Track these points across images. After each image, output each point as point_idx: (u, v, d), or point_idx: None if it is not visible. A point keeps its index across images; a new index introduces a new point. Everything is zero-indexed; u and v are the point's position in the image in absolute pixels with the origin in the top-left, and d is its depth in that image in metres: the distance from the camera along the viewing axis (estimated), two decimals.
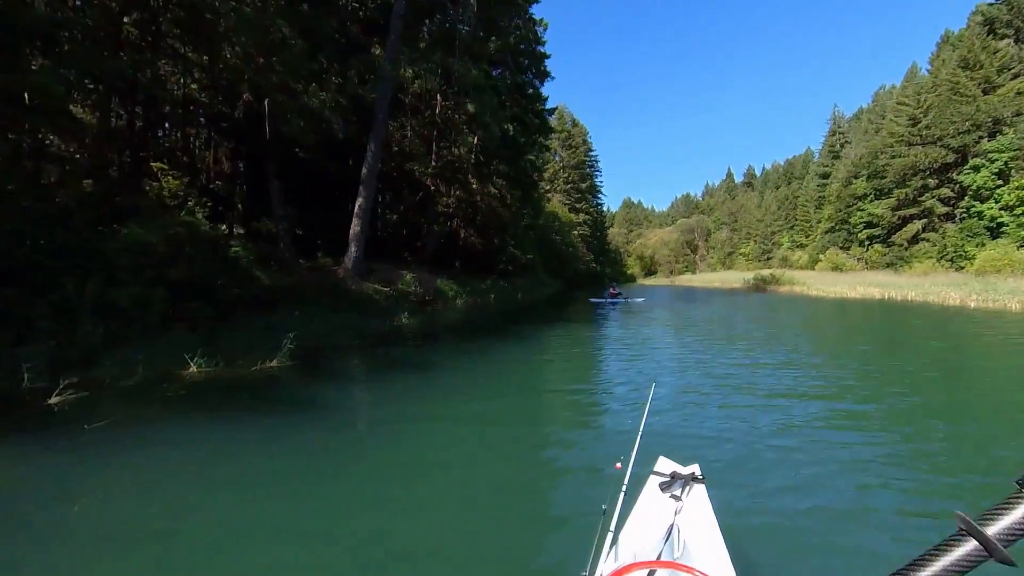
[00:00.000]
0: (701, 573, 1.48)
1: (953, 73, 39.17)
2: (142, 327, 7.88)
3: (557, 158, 59.11)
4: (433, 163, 23.33)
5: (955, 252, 37.84)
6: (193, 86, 16.10)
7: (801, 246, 69.64)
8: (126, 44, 12.84)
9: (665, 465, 2.50)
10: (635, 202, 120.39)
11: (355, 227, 16.88)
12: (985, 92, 37.70)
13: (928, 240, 40.70)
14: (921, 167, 40.48)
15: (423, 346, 10.68)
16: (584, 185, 60.43)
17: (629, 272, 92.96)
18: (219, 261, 12.18)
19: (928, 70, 49.49)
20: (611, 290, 26.25)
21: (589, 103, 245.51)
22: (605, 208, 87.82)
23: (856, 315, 17.62)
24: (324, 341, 10.02)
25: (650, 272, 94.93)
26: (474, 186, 24.76)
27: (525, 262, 30.55)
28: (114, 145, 13.49)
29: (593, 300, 25.82)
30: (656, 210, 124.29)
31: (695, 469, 2.43)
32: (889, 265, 42.52)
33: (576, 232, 56.57)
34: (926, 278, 31.83)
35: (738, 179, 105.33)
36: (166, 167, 15.26)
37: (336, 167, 20.34)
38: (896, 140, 43.21)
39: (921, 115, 41.29)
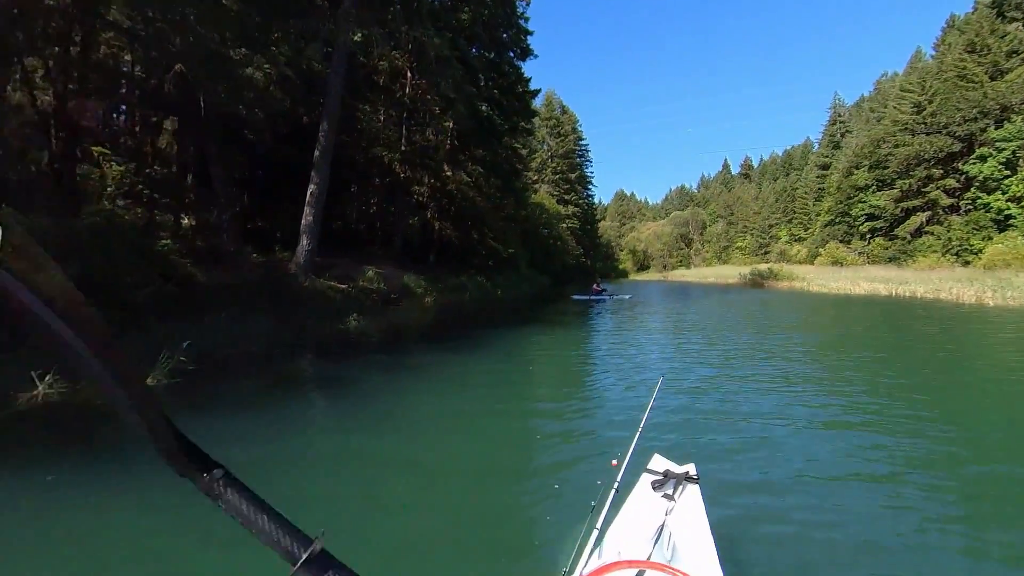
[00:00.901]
0: (683, 574, 1.51)
1: (959, 58, 38.40)
2: None
3: (545, 147, 57.83)
4: (403, 147, 21.96)
5: (960, 246, 37.27)
6: (127, 57, 14.61)
7: (799, 240, 69.16)
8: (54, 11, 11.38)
9: (659, 463, 2.51)
10: (628, 194, 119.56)
11: (307, 216, 15.51)
12: (993, 78, 36.99)
13: (932, 233, 40.06)
14: (925, 156, 39.77)
15: (364, 356, 9.41)
16: (574, 175, 59.19)
17: (621, 267, 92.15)
18: (136, 256, 10.80)
19: (933, 56, 48.77)
20: (595, 287, 25.06)
21: (580, 91, 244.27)
22: (596, 200, 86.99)
23: (866, 315, 16.61)
24: (236, 350, 8.70)
25: (643, 267, 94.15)
26: (448, 173, 23.42)
27: (507, 256, 29.28)
28: (41, 128, 12.08)
29: (576, 298, 24.64)
30: (650, 202, 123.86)
31: (690, 468, 2.43)
32: (892, 259, 41.87)
33: (565, 225, 55.34)
34: (932, 273, 31.07)
35: (735, 170, 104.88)
36: (108, 152, 13.86)
37: (297, 153, 18.99)
38: (899, 128, 42.46)
39: (926, 102, 40.55)
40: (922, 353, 9.66)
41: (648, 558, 1.74)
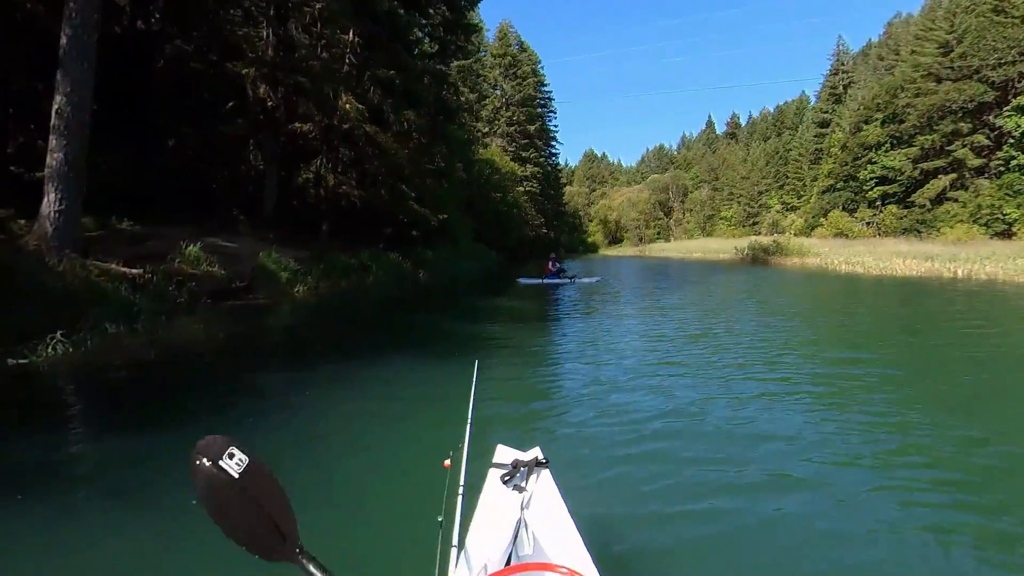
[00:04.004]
0: (558, 567, 1.51)
1: None
2: None
3: (498, 92, 52.38)
4: (269, 55, 16.40)
5: (991, 214, 34.62)
6: None
7: (792, 209, 66.81)
8: None
9: (505, 454, 2.52)
10: (598, 155, 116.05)
11: (55, 155, 10.04)
12: None
13: (956, 200, 37.31)
14: (952, 107, 36.89)
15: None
16: (533, 128, 54.04)
17: (590, 240, 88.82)
18: None
19: None
20: (549, 265, 20.35)
21: (541, 32, 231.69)
22: (562, 162, 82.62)
23: None
24: None
25: (615, 240, 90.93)
26: (346, 106, 18.01)
27: (437, 225, 24.18)
28: None
29: (523, 282, 19.95)
30: (624, 165, 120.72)
31: (537, 452, 2.48)
32: (907, 231, 39.11)
33: (522, 188, 50.44)
34: (965, 247, 27.88)
35: (720, 129, 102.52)
36: None
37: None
38: (921, 74, 39.33)
39: (954, 41, 37.37)
40: None
41: (511, 559, 1.80)
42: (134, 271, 11.31)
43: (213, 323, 10.96)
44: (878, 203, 44.30)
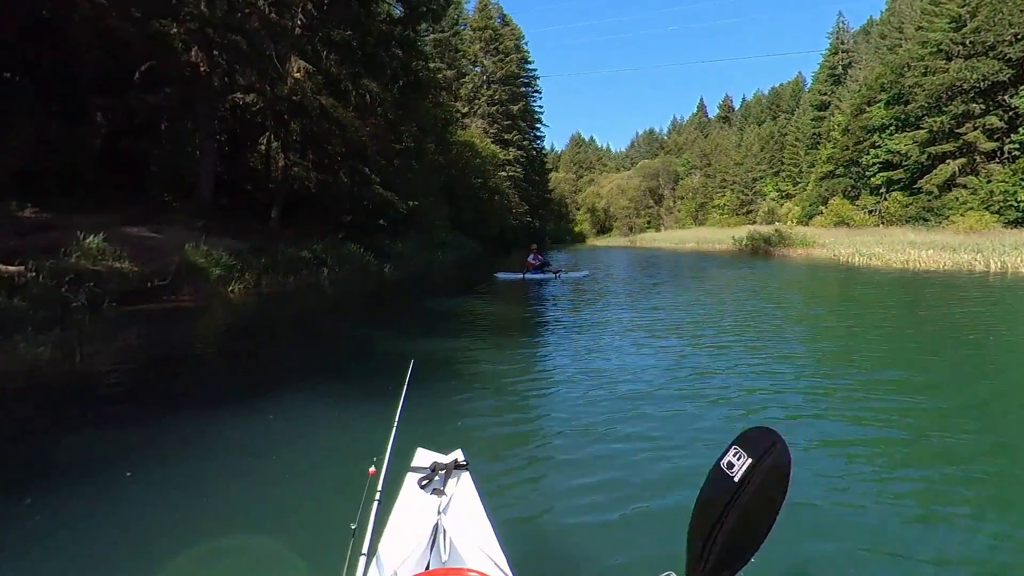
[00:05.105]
0: (471, 572, 1.60)
1: None
2: None
3: (479, 69, 50.36)
4: (203, 10, 14.37)
5: (1004, 201, 33.69)
6: None
7: (788, 196, 66.00)
8: None
9: (424, 457, 2.53)
10: (586, 139, 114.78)
11: None
12: None
13: (966, 186, 36.31)
14: (964, 87, 35.68)
15: None
16: (516, 108, 52.17)
17: (577, 229, 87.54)
18: None
19: None
20: (530, 259, 18.61)
21: (525, 10, 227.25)
22: (547, 146, 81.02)
23: None
24: None
25: (603, 229, 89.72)
26: (297, 74, 16.06)
27: (408, 213, 22.34)
28: None
29: (501, 277, 18.21)
30: (612, 150, 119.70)
31: (457, 455, 2.49)
32: (913, 219, 38.12)
33: (505, 174, 48.60)
34: (980, 236, 26.69)
35: (711, 112, 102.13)
36: None
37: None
38: (931, 51, 38.17)
39: (968, 15, 36.16)
40: None
41: (428, 567, 1.83)
42: (11, 268, 9.40)
43: (108, 334, 9.11)
44: (882, 190, 43.21)
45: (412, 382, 2.76)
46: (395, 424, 2.41)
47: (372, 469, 2.11)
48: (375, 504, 1.98)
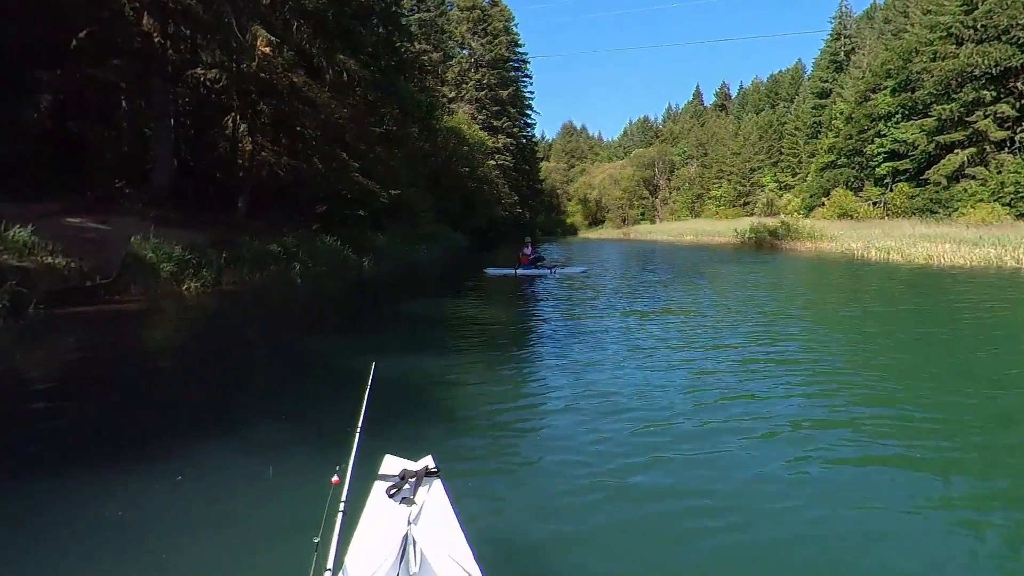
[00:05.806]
0: None
1: None
2: None
3: (466, 52, 48.98)
4: None
5: (1015, 193, 33.15)
6: None
7: (787, 188, 65.34)
8: None
9: (393, 464, 2.47)
10: (578, 128, 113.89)
11: None
12: None
13: (975, 177, 35.68)
14: (975, 73, 34.98)
15: None
16: (505, 93, 50.89)
17: (569, 221, 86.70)
18: None
19: None
20: (524, 251, 17.55)
21: None
22: (538, 134, 79.89)
23: None
24: None
25: (596, 221, 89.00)
26: (260, 44, 14.79)
27: (390, 203, 21.13)
28: None
29: (491, 272, 17.13)
30: (605, 139, 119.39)
31: (428, 462, 2.44)
32: (920, 211, 37.43)
33: (493, 162, 47.36)
34: (994, 229, 25.94)
35: (708, 100, 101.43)
36: None
37: None
38: (940, 35, 37.47)
39: None
40: None
41: None
42: None
43: (31, 342, 7.93)
44: (887, 180, 42.59)
45: (378, 386, 2.70)
46: (358, 430, 2.37)
47: (335, 478, 2.06)
48: (339, 515, 1.93)
